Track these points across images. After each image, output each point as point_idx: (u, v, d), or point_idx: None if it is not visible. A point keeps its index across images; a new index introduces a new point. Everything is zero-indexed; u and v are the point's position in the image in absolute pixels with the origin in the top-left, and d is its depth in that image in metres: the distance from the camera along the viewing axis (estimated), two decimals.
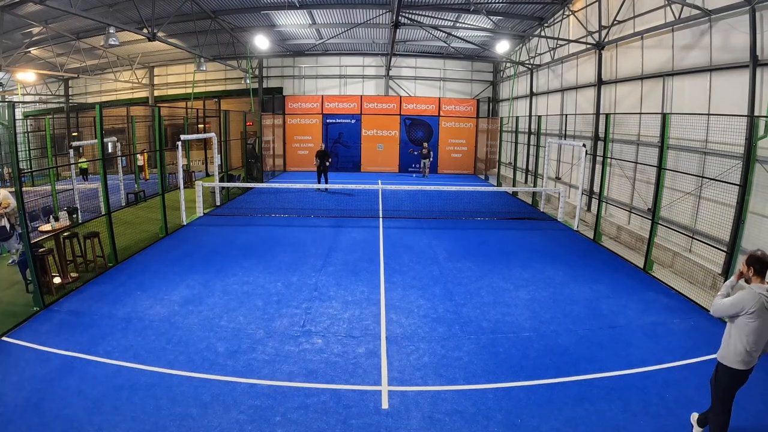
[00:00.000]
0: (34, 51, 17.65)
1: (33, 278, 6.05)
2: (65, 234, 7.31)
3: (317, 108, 21.62)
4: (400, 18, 12.43)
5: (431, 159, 20.84)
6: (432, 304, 6.53)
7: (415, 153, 21.06)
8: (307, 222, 11.40)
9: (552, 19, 14.87)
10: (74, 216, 7.59)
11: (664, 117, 7.74)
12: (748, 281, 3.53)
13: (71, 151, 12.97)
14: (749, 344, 3.45)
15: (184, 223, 11.08)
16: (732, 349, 3.53)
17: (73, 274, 7.25)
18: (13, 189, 6.99)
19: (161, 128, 10.67)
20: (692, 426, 3.97)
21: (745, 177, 6.25)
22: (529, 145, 16.53)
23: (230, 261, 8.24)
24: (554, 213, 12.60)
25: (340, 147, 21.89)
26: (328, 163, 15.66)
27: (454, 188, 12.75)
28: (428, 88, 22.09)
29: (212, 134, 13.69)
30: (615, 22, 10.55)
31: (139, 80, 22.66)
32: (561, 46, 14.23)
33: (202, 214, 12.06)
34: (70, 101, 24.43)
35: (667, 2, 8.47)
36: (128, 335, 5.44)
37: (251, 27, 17.40)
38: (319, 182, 15.57)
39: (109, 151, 14.28)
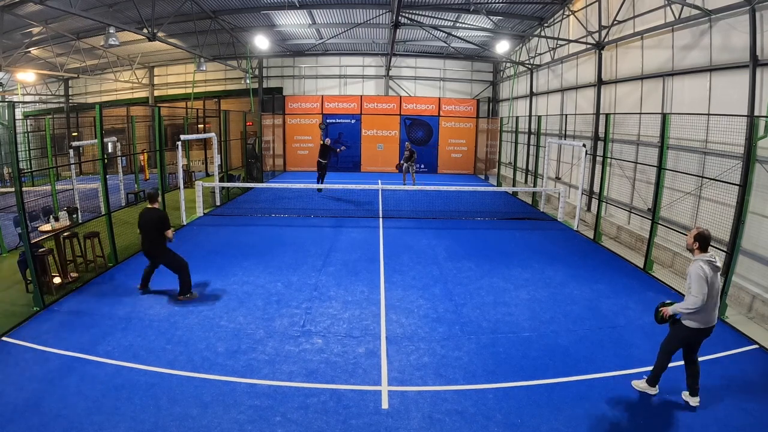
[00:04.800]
0: (34, 51, 17.64)
1: (33, 278, 6.05)
2: (65, 234, 7.30)
3: (317, 108, 21.62)
4: (400, 18, 12.43)
5: (414, 162, 17.25)
6: (432, 304, 6.53)
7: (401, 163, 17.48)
8: (307, 222, 11.40)
9: (552, 19, 14.87)
10: (74, 216, 7.59)
11: (664, 117, 7.75)
12: (691, 251, 4.20)
13: (71, 151, 12.97)
14: (709, 305, 4.02)
15: (184, 223, 11.08)
16: (700, 313, 4.04)
17: (73, 274, 7.25)
18: (13, 189, 6.99)
19: (161, 128, 10.67)
20: (686, 401, 4.36)
21: (745, 177, 6.25)
22: (529, 145, 16.53)
23: (230, 261, 8.24)
24: (554, 213, 12.60)
25: (339, 146, 21.85)
26: (325, 161, 14.93)
27: (454, 188, 12.74)
28: (428, 88, 22.09)
29: (212, 134, 13.69)
30: (615, 22, 10.55)
31: (139, 80, 22.66)
32: (561, 46, 14.24)
33: (202, 214, 12.06)
34: (70, 101, 24.42)
35: (667, 2, 8.47)
36: (128, 335, 5.44)
37: (251, 27, 17.40)
38: (318, 182, 14.98)
39: (109, 151, 14.28)
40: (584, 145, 11.07)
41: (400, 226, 11.05)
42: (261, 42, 16.97)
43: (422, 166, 21.69)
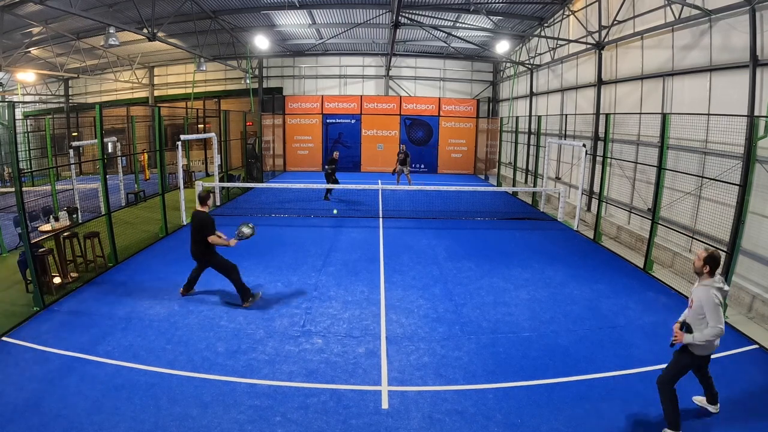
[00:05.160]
0: (34, 51, 17.65)
1: (33, 278, 6.05)
2: (65, 234, 7.30)
3: (317, 108, 21.63)
4: (400, 18, 12.43)
5: (410, 165, 16.86)
6: (432, 304, 6.53)
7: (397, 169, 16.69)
8: (307, 222, 11.40)
9: (552, 19, 14.87)
10: (74, 216, 7.59)
11: (664, 117, 7.74)
12: (699, 274, 3.89)
13: (71, 151, 12.97)
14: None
15: (184, 223, 11.07)
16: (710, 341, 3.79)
17: (73, 274, 7.25)
18: (13, 189, 6.98)
19: (161, 128, 10.67)
20: (704, 407, 4.22)
21: (745, 177, 6.25)
22: (529, 145, 16.54)
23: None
24: (554, 213, 12.60)
25: (340, 147, 21.90)
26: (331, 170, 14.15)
27: (454, 188, 12.74)
28: (428, 88, 22.10)
29: (212, 134, 13.69)
30: (615, 22, 10.55)
31: (139, 80, 22.66)
32: (561, 46, 14.24)
33: None
34: (70, 101, 24.42)
35: (667, 2, 8.48)
36: (128, 335, 5.44)
37: (251, 27, 17.40)
38: (329, 191, 14.30)
39: (109, 151, 14.28)
40: (584, 145, 11.07)
41: (400, 226, 11.05)
42: (261, 42, 16.98)
43: (422, 166, 21.71)
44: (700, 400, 4.29)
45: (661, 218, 8.25)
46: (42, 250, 6.60)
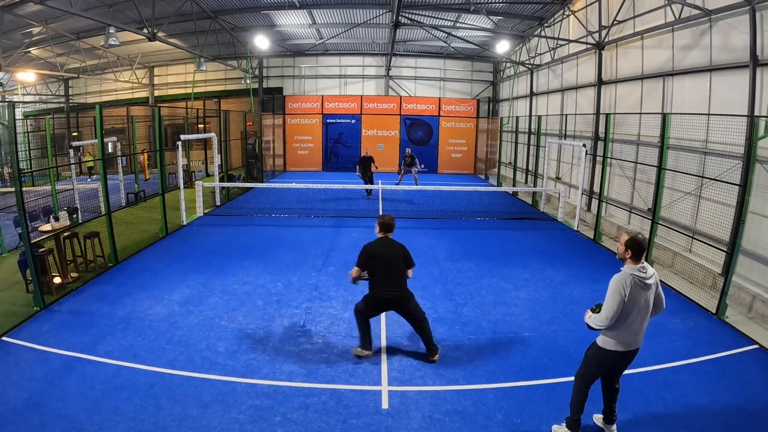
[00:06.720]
0: (34, 51, 17.65)
1: (33, 278, 6.05)
2: (65, 234, 7.30)
3: (317, 108, 21.64)
4: (400, 18, 12.43)
5: (418, 167, 16.47)
6: (432, 304, 6.53)
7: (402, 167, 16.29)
8: (307, 222, 11.40)
9: (552, 19, 14.87)
10: (74, 216, 7.58)
11: (664, 117, 7.74)
12: (623, 261, 3.50)
13: (71, 151, 12.97)
14: (629, 326, 3.46)
15: (184, 223, 11.08)
16: (615, 332, 3.52)
17: (73, 274, 7.24)
18: (13, 189, 6.98)
19: (161, 128, 10.67)
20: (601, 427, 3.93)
21: (745, 177, 6.25)
22: (529, 145, 16.54)
23: (230, 261, 8.24)
24: (554, 213, 12.60)
25: (340, 147, 21.92)
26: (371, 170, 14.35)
27: (454, 188, 12.74)
28: (428, 88, 22.10)
29: (212, 134, 13.70)
30: (615, 22, 10.56)
31: (139, 80, 22.66)
32: (561, 46, 14.24)
33: (202, 214, 12.06)
34: (70, 101, 24.43)
35: (667, 2, 8.48)
36: (128, 335, 5.44)
37: (251, 27, 17.41)
38: (369, 191, 14.57)
39: (109, 151, 14.28)
40: (584, 145, 11.07)
41: (401, 226, 10.95)
42: (261, 42, 16.98)
43: (422, 166, 21.67)
44: (598, 418, 3.98)
45: (661, 218, 8.25)
46: (42, 250, 6.60)
